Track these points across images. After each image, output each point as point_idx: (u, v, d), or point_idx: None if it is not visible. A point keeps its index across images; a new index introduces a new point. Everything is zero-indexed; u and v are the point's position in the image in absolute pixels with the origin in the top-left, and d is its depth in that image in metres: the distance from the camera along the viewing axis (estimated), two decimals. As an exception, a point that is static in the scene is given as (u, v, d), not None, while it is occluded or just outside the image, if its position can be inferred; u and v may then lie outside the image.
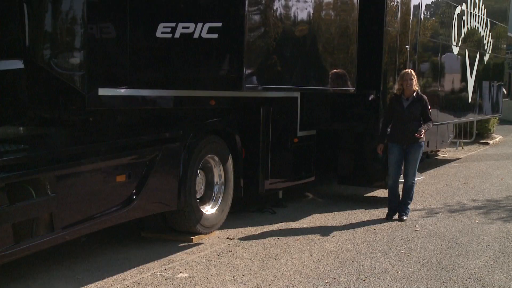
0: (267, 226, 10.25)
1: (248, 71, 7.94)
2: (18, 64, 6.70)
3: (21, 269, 7.70)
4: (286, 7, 8.77)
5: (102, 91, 7.42)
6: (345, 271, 7.92)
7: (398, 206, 10.75)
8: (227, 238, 9.49)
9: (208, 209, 9.62)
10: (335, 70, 10.31)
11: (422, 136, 10.29)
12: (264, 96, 9.92)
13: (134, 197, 8.22)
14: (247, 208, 11.18)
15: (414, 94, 10.43)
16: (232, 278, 7.60)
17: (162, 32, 7.82)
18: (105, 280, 7.54)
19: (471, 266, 8.24)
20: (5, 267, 7.00)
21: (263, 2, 8.25)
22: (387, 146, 10.79)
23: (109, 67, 7.87)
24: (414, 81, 10.40)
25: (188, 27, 7.73)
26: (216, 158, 9.68)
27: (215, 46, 7.83)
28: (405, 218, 10.63)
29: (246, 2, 7.74)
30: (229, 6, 7.80)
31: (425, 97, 10.64)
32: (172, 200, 8.81)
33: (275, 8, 8.50)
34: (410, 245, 9.21)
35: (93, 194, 7.74)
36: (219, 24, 7.69)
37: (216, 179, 9.78)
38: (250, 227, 10.08)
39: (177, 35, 7.77)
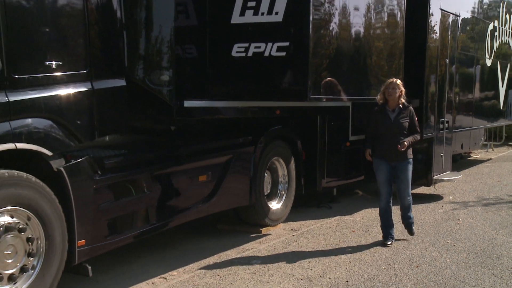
0: (325, 219, 10.53)
1: (312, 84, 8.21)
2: (121, 82, 7.08)
3: (123, 255, 8.08)
4: (342, 27, 9.05)
5: (187, 103, 7.72)
6: (398, 259, 8.14)
7: (391, 230, 9.01)
8: (291, 229, 9.78)
9: (274, 205, 9.93)
10: (385, 81, 10.49)
11: (403, 149, 8.50)
12: (321, 105, 10.04)
13: (214, 194, 8.58)
14: (306, 203, 11.38)
15: (400, 105, 8.67)
16: (299, 264, 7.88)
17: (237, 52, 8.15)
18: (191, 265, 7.92)
19: (514, 255, 8.42)
20: (111, 253, 7.31)
21: (324, 24, 8.54)
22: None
23: (193, 82, 8.21)
24: (398, 91, 8.58)
25: (259, 47, 8.04)
26: (281, 160, 9.99)
27: (283, 63, 8.10)
28: (414, 230, 9.18)
29: (311, 25, 8.04)
30: (296, 28, 8.07)
31: (411, 107, 8.87)
32: (244, 197, 9.15)
33: (332, 28, 8.77)
34: (455, 236, 9.37)
35: (180, 192, 8.12)
36: (287, 44, 7.98)
37: (280, 178, 10.08)
38: (310, 220, 10.35)
39: (249, 53, 8.10)
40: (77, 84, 6.56)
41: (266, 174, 9.73)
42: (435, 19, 12.19)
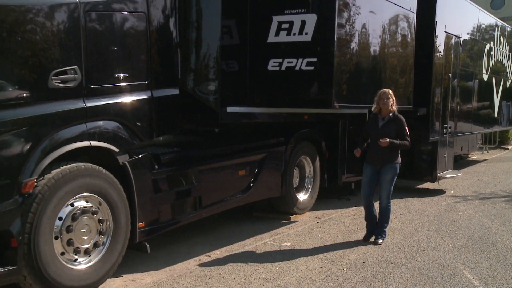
0: (344, 209, 10.60)
1: (336, 94, 8.27)
2: (175, 91, 7.22)
3: (175, 236, 8.28)
4: (361, 46, 9.09)
5: (229, 109, 7.80)
6: (408, 243, 8.21)
7: (374, 228, 8.41)
8: (316, 217, 9.87)
9: (301, 196, 10.03)
10: (397, 92, 10.54)
11: (384, 143, 7.89)
12: (342, 112, 9.94)
13: (251, 185, 8.70)
14: (329, 195, 11.41)
15: (390, 114, 8.11)
16: (323, 247, 8.00)
17: (272, 66, 8.27)
18: (231, 246, 8.08)
19: (507, 241, 8.43)
20: (165, 234, 7.50)
21: (346, 43, 8.60)
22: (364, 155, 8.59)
23: (234, 91, 8.31)
24: (391, 101, 8.08)
25: (291, 62, 8.15)
26: (308, 158, 10.08)
27: (311, 76, 8.17)
28: (380, 241, 8.22)
29: (335, 44, 8.13)
30: (323, 46, 8.12)
31: (401, 117, 8.20)
32: (276, 189, 9.26)
33: (352, 47, 8.80)
34: (456, 225, 9.41)
35: (223, 184, 8.25)
36: (315, 60, 8.06)
37: (307, 173, 10.16)
38: (332, 210, 10.43)
39: (283, 67, 8.21)
40: (140, 92, 6.73)
41: (295, 170, 9.79)
42: (440, 40, 12.22)
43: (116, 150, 6.46)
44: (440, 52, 12.30)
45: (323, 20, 8.15)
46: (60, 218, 5.87)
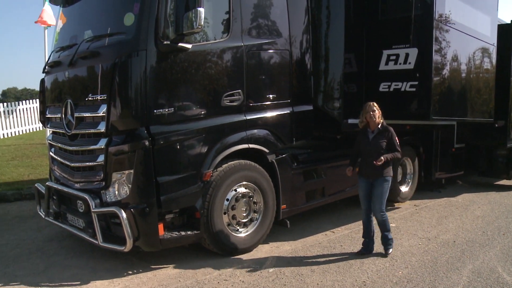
0: (437, 199, 10.06)
1: (432, 109, 7.92)
2: (309, 107, 7.20)
3: (308, 215, 8.21)
4: (452, 71, 8.61)
5: (350, 121, 7.63)
6: (490, 228, 7.70)
7: (370, 243, 6.55)
8: (414, 205, 9.43)
9: (403, 188, 9.60)
10: (481, 108, 10.01)
11: (379, 163, 6.08)
12: (436, 123, 9.57)
13: None
14: (424, 188, 10.77)
15: (379, 126, 6.33)
16: (420, 228, 7.66)
17: (382, 88, 8.04)
18: (349, 224, 7.91)
19: None
20: (300, 214, 7.55)
21: (440, 70, 8.19)
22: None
23: (353, 107, 7.89)
24: (377, 113, 6.32)
25: (398, 85, 7.88)
26: (409, 159, 9.64)
27: (413, 95, 7.88)
28: (390, 251, 6.45)
29: (432, 71, 7.81)
30: (422, 73, 7.80)
31: (390, 128, 6.36)
32: None
33: (444, 73, 8.37)
34: None
35: (343, 178, 7.75)
36: (416, 83, 7.76)
37: (408, 171, 9.72)
38: (427, 199, 9.93)
39: (391, 89, 7.96)
40: (283, 108, 6.76)
41: (398, 168, 9.42)
42: None
43: (267, 151, 6.51)
44: None
45: (422, 52, 7.80)
46: (227, 199, 6.03)
